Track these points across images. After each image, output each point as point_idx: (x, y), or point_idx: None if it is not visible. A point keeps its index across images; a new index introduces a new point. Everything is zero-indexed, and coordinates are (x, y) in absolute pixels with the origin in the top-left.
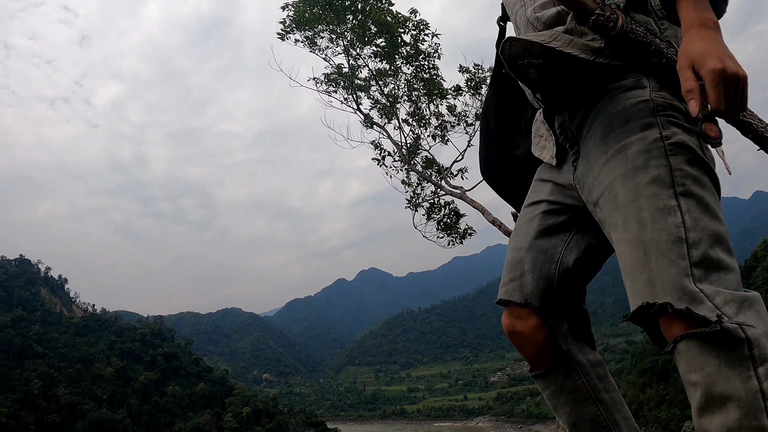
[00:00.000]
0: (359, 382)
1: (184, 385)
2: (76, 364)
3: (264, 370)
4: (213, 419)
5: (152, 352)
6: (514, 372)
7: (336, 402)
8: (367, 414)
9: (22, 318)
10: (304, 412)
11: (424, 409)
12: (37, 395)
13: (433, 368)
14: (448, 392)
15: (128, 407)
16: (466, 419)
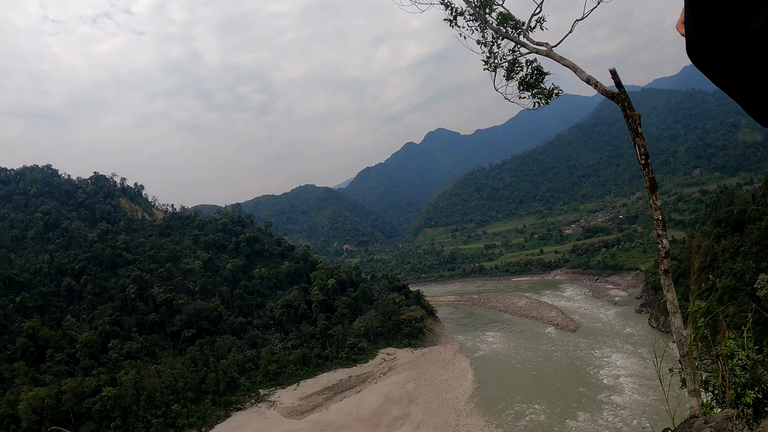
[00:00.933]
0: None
1: (269, 266)
2: (165, 263)
3: (344, 241)
4: (301, 294)
5: (235, 240)
6: (588, 224)
7: (416, 265)
8: (447, 274)
9: (108, 231)
10: (386, 277)
11: (502, 265)
12: (134, 299)
13: (508, 224)
14: (524, 247)
15: (220, 295)
16: (544, 272)
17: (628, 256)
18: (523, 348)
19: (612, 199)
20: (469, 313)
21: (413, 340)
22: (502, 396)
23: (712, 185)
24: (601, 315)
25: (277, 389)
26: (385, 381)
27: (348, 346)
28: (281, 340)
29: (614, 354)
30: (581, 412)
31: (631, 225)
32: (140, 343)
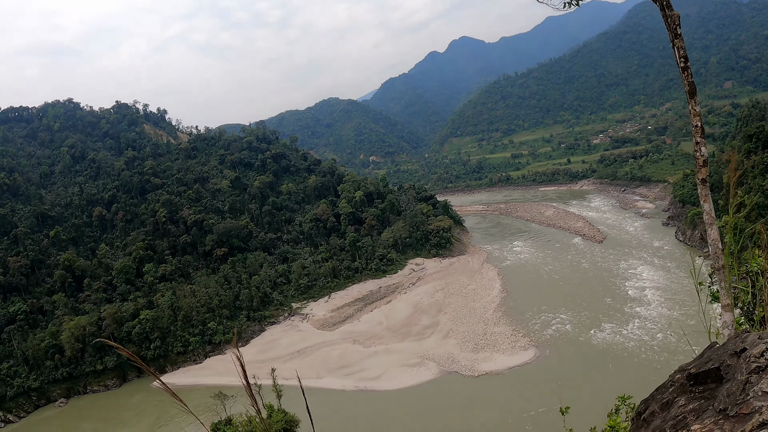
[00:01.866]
0: (463, 153)
1: (296, 181)
2: (194, 185)
3: (369, 152)
4: (329, 207)
5: (261, 157)
6: (617, 134)
7: (443, 175)
8: (474, 183)
9: (134, 158)
10: (413, 187)
11: (528, 175)
12: (165, 222)
13: (535, 133)
14: (551, 156)
15: (249, 212)
16: (571, 182)
17: (656, 168)
18: (550, 258)
19: (641, 109)
20: (497, 223)
21: (441, 250)
22: (529, 305)
23: (744, 99)
24: (627, 227)
25: (309, 302)
26: (414, 291)
27: (377, 257)
28: (311, 254)
29: (640, 266)
30: (606, 323)
31: (660, 136)
32: (174, 265)
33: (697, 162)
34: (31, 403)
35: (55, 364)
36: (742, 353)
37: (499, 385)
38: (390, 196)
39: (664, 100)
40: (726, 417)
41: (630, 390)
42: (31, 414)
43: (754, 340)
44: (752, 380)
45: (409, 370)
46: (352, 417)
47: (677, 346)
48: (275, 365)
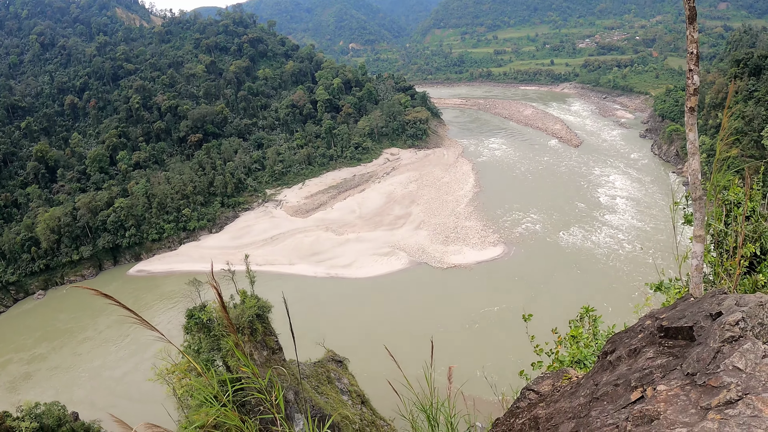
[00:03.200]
0: (445, 45)
1: (273, 67)
2: (167, 70)
3: (350, 40)
4: (306, 94)
5: (237, 41)
6: (603, 41)
7: (423, 66)
8: (454, 76)
9: (106, 43)
10: (392, 77)
11: (510, 72)
12: (139, 109)
13: (520, 31)
14: (534, 56)
15: (224, 98)
16: (552, 84)
17: (639, 79)
18: (525, 158)
19: (631, 18)
20: (475, 118)
21: (417, 141)
22: (501, 203)
23: (737, 23)
24: (605, 134)
25: (283, 189)
26: (388, 181)
27: (353, 145)
28: (286, 141)
29: (614, 175)
30: (576, 227)
31: (647, 48)
32: (148, 152)
33: (688, 90)
34: (9, 297)
35: (31, 257)
36: (717, 318)
37: (467, 279)
38: (368, 84)
39: (655, 12)
40: (693, 384)
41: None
42: (11, 308)
43: (731, 305)
44: (724, 351)
45: (379, 259)
46: (322, 302)
47: (643, 259)
48: (249, 251)
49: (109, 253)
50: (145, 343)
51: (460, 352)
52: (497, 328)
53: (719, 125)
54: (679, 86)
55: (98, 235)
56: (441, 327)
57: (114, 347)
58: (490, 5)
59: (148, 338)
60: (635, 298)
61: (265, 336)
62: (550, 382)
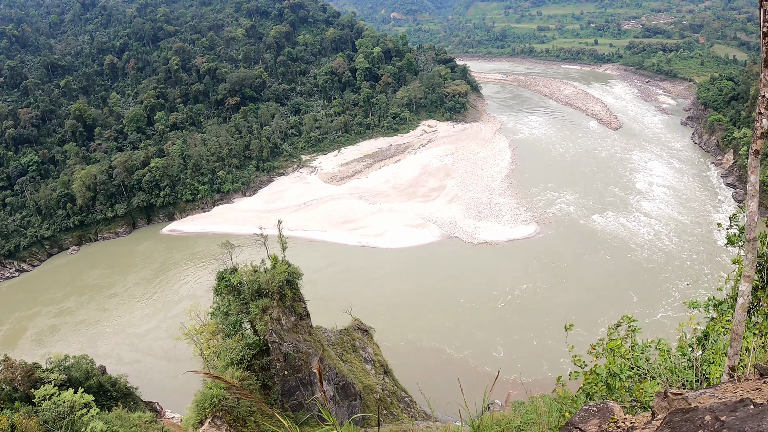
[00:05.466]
0: (488, 19)
1: (314, 33)
2: (207, 32)
3: (391, 9)
4: (345, 61)
5: (278, 6)
6: (649, 23)
7: (465, 38)
8: (496, 51)
9: (147, 4)
10: (433, 48)
11: (553, 50)
12: (177, 70)
13: (565, 8)
14: (578, 35)
15: (263, 62)
16: (595, 64)
17: (684, 64)
18: (563, 137)
19: (679, 2)
20: (515, 95)
21: (455, 114)
22: (536, 181)
23: None
24: (646, 119)
25: (319, 155)
26: (424, 152)
27: (390, 115)
28: (324, 108)
29: (652, 161)
30: (610, 211)
31: (694, 34)
32: (185, 114)
33: (755, 133)
34: (44, 251)
35: (66, 213)
36: None
37: (497, 256)
38: (408, 55)
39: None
40: None
41: (618, 283)
42: (45, 262)
43: None
44: None
45: (411, 231)
46: (352, 271)
47: (676, 251)
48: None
49: (143, 211)
50: (170, 302)
51: (483, 328)
52: (522, 308)
53: None
54: (724, 75)
55: (133, 194)
56: (467, 302)
57: (139, 304)
58: None
59: (172, 297)
60: (662, 292)
61: (294, 302)
62: (596, 423)
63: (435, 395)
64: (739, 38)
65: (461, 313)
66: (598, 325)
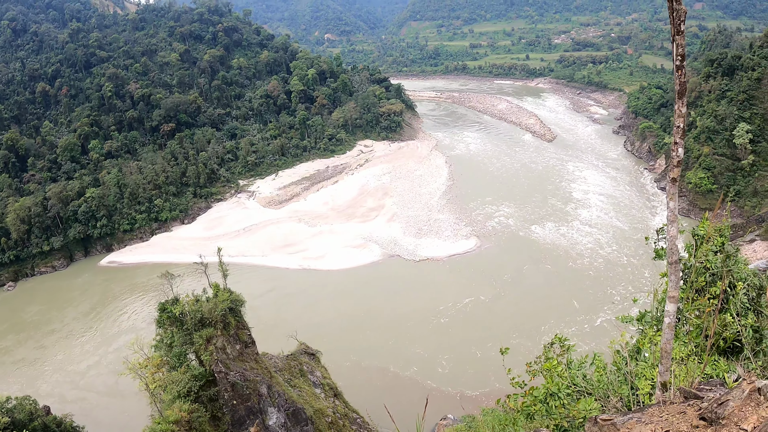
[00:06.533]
0: (421, 38)
1: (248, 56)
2: (141, 58)
3: (325, 30)
4: (280, 84)
5: (212, 30)
6: (579, 36)
7: (398, 58)
8: (429, 69)
9: (79, 30)
10: (367, 69)
11: (485, 66)
12: (111, 97)
13: (496, 25)
14: (510, 50)
15: (198, 87)
16: (527, 78)
17: (614, 75)
18: (499, 151)
19: (607, 15)
20: (449, 112)
21: (391, 134)
22: (474, 196)
23: (712, 23)
24: (579, 130)
25: (256, 180)
26: (362, 172)
27: (326, 137)
28: (260, 131)
29: (587, 170)
30: (548, 222)
31: (622, 45)
32: (120, 141)
33: (671, 161)
34: None
35: (1, 248)
36: None
37: (439, 272)
38: (343, 75)
39: (631, 10)
40: None
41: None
42: None
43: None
44: None
45: (352, 251)
46: (295, 294)
47: (616, 257)
48: (221, 242)
49: (80, 243)
50: (111, 336)
51: (427, 344)
52: (465, 322)
53: (692, 123)
54: (653, 83)
55: (69, 226)
56: (410, 319)
57: (79, 340)
58: None
59: (113, 331)
60: (604, 298)
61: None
62: None
63: (383, 415)
64: (665, 48)
65: (405, 330)
66: (542, 334)
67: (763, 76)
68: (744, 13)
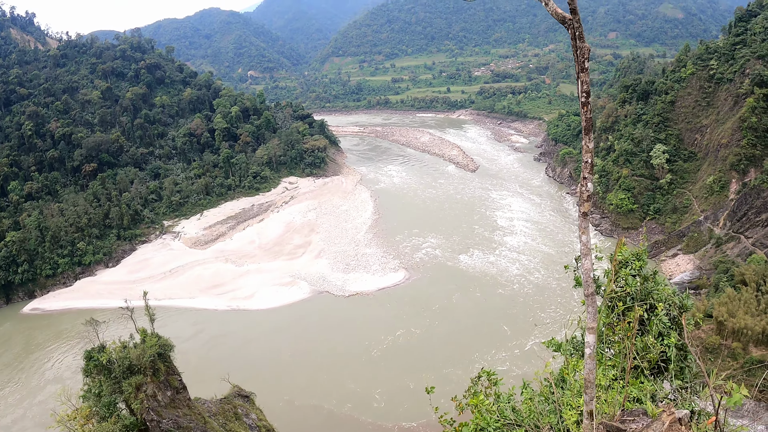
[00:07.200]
0: (344, 73)
1: (171, 94)
2: (62, 95)
3: (248, 67)
4: (203, 122)
5: (135, 67)
6: (498, 68)
7: (321, 94)
8: (352, 104)
9: None
10: (291, 105)
11: (407, 100)
12: (31, 136)
13: (417, 59)
14: (431, 84)
15: (120, 125)
16: (449, 111)
17: (533, 104)
18: (423, 183)
19: (525, 47)
20: (373, 146)
21: (315, 170)
22: (401, 229)
23: (626, 51)
24: (501, 159)
25: (181, 220)
26: (287, 209)
27: (251, 174)
28: (184, 170)
29: (511, 197)
30: (475, 250)
31: (540, 75)
32: (41, 183)
33: (581, 196)
34: None
35: None
36: None
37: (369, 306)
38: (266, 112)
39: (548, 42)
40: None
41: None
42: None
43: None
44: None
45: (281, 290)
46: (225, 336)
47: (545, 282)
48: (147, 285)
49: (0, 291)
50: (36, 388)
51: (361, 379)
52: (397, 355)
53: (610, 147)
54: (571, 111)
55: None
56: (343, 355)
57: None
58: (389, 34)
59: (38, 382)
60: (534, 322)
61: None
62: None
63: None
64: None
65: (338, 367)
66: (474, 362)
67: (676, 99)
68: (656, 40)
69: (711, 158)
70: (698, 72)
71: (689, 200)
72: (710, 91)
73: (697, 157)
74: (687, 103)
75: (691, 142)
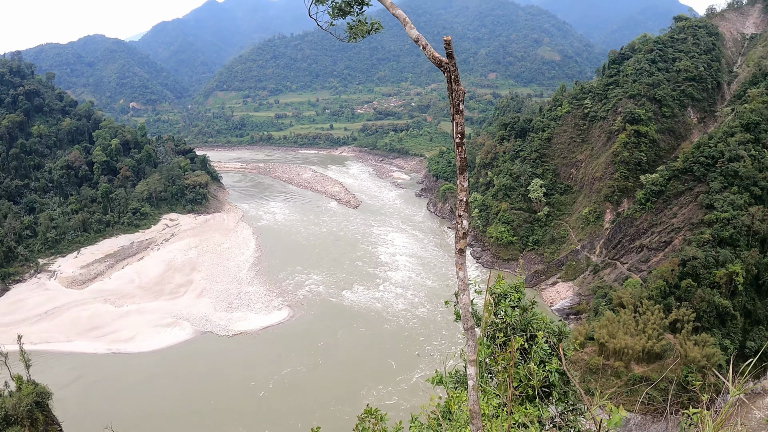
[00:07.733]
0: (227, 108)
1: (49, 123)
2: None
3: (131, 98)
4: (82, 155)
5: (12, 92)
6: (381, 106)
7: (204, 128)
8: (235, 140)
9: None
10: (172, 139)
11: (291, 136)
12: None
13: (302, 96)
14: (315, 120)
15: None
16: (331, 147)
17: (414, 142)
18: (305, 220)
19: (407, 86)
20: (255, 182)
21: (197, 206)
22: (283, 266)
23: (505, 90)
24: (383, 195)
25: (57, 258)
26: (168, 247)
27: (130, 210)
28: (60, 205)
29: (393, 233)
30: (358, 285)
31: (422, 113)
32: None
33: (457, 233)
34: None
35: None
36: None
37: (253, 345)
38: (148, 146)
39: (430, 81)
40: None
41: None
42: None
43: None
44: None
45: (162, 331)
46: (105, 382)
47: (430, 315)
48: (22, 329)
49: None
50: None
51: (248, 421)
52: (284, 394)
53: (489, 182)
54: (452, 148)
55: None
56: (228, 398)
57: None
58: (274, 70)
59: None
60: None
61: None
62: None
63: None
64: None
65: (223, 410)
66: (361, 398)
67: (553, 136)
68: (534, 81)
69: (586, 191)
70: (573, 110)
71: (566, 231)
72: (585, 128)
73: (573, 190)
74: (563, 140)
75: (567, 176)
